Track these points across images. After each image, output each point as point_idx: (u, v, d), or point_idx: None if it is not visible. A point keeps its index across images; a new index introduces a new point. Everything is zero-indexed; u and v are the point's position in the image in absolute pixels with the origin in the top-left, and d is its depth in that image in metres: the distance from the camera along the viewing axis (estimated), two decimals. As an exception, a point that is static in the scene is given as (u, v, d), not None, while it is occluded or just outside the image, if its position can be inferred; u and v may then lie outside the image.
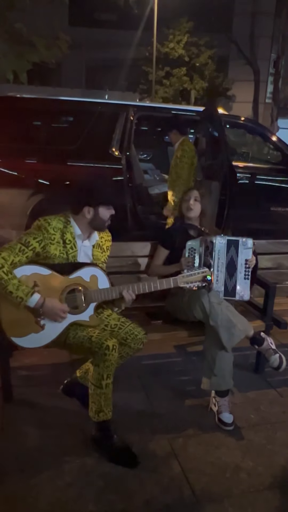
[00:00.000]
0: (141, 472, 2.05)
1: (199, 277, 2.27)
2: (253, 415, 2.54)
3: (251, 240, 2.64)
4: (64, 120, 5.03)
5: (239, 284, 2.62)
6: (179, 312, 2.66)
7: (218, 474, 2.09)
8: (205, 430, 2.38)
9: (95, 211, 2.17)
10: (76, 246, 2.18)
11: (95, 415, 2.11)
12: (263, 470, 2.13)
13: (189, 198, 2.86)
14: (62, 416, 2.40)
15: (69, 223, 2.18)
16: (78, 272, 2.14)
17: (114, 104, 4.64)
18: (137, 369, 2.90)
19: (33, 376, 2.78)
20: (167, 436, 2.31)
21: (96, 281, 2.17)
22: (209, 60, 19.77)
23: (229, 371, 2.44)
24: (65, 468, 2.04)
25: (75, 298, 2.13)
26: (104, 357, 2.02)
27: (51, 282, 2.10)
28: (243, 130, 5.54)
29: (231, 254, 2.62)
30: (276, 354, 2.55)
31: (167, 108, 5.22)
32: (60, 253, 2.14)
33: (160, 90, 19.71)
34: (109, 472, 2.04)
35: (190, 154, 4.28)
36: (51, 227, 2.13)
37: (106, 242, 2.35)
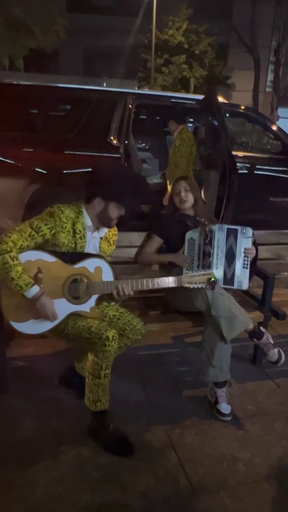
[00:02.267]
0: (137, 462, 2.05)
1: (203, 278, 2.28)
2: (250, 406, 2.54)
3: (250, 229, 2.62)
4: (62, 108, 4.97)
5: (238, 273, 2.60)
6: (179, 303, 2.64)
7: (215, 465, 2.09)
8: (202, 421, 2.38)
9: (105, 205, 2.15)
10: (85, 237, 2.17)
11: (92, 404, 2.10)
12: (260, 461, 2.13)
13: (179, 190, 2.81)
14: (59, 406, 2.39)
15: (81, 213, 2.16)
16: (83, 262, 2.12)
17: (113, 92, 4.58)
18: (134, 360, 2.90)
19: (30, 367, 2.77)
20: (164, 426, 2.31)
21: (100, 273, 2.16)
22: (209, 47, 19.56)
23: (227, 363, 2.43)
24: (61, 459, 2.04)
25: (77, 288, 2.12)
26: (103, 348, 2.01)
27: (55, 269, 2.08)
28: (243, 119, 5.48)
29: (230, 243, 2.60)
30: (275, 348, 2.55)
31: (166, 96, 5.17)
32: (69, 242, 2.12)
33: (159, 78, 19.53)
34: (105, 463, 2.04)
35: (188, 143, 4.24)
36: (64, 215, 2.10)
37: (113, 236, 2.34)
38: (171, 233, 2.79)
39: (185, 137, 4.26)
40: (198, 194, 2.86)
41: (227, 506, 1.88)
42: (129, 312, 2.30)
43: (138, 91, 5.10)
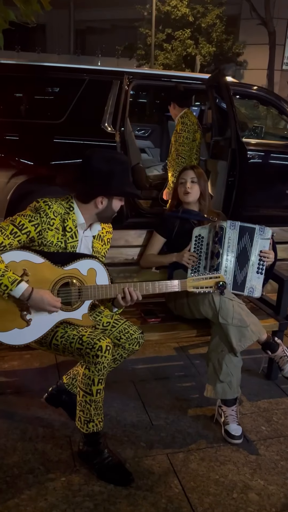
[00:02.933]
0: (135, 491, 2.06)
1: (211, 282, 2.29)
2: (264, 427, 2.55)
3: (270, 230, 2.64)
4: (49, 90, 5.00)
5: (250, 278, 2.62)
6: (182, 309, 2.66)
7: (224, 494, 2.10)
8: (209, 444, 2.39)
9: (108, 202, 2.17)
10: (78, 236, 2.18)
11: (84, 425, 2.11)
12: (275, 489, 2.14)
13: (185, 180, 2.83)
14: (46, 428, 2.40)
15: (72, 209, 2.17)
16: (75, 263, 2.14)
17: (106, 71, 4.60)
18: (132, 374, 2.91)
19: (14, 383, 2.78)
20: (166, 450, 2.32)
21: (94, 276, 2.17)
22: (217, 20, 19.62)
23: (237, 377, 2.44)
24: (49, 487, 2.05)
25: (68, 293, 2.13)
26: (95, 359, 2.02)
27: (43, 272, 2.09)
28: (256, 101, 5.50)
29: (245, 243, 2.61)
30: None
31: (167, 75, 5.19)
32: (58, 241, 2.13)
33: (161, 56, 19.60)
34: (98, 492, 2.04)
35: (191, 128, 4.27)
36: (51, 210, 2.11)
37: (107, 234, 2.35)
38: (172, 230, 2.81)
39: (187, 122, 4.28)
40: (206, 187, 2.88)
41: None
42: (125, 319, 2.31)
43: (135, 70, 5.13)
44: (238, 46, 20.78)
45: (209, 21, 19.58)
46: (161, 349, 3.23)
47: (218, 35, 19.79)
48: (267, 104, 5.30)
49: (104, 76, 4.51)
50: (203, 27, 19.68)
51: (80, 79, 4.42)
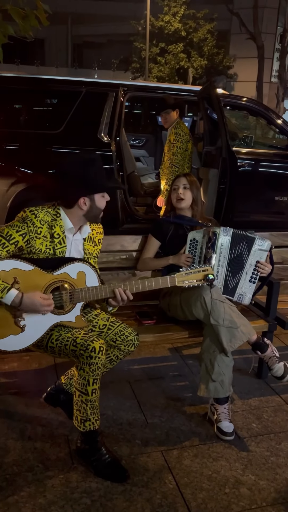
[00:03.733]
0: (131, 487, 2.05)
1: (200, 275, 2.26)
2: (255, 424, 2.55)
3: (269, 242, 2.65)
4: (48, 102, 5.01)
5: (242, 285, 2.63)
6: (176, 311, 2.66)
7: (216, 489, 2.09)
8: (202, 441, 2.38)
9: (91, 201, 2.16)
10: (65, 241, 2.17)
11: (81, 424, 2.10)
12: (266, 484, 2.14)
13: (178, 187, 2.85)
14: (45, 427, 2.39)
15: (59, 215, 2.17)
16: (64, 268, 2.13)
17: (102, 83, 4.62)
18: (127, 374, 2.90)
19: (13, 384, 2.76)
20: (160, 448, 2.31)
21: (83, 278, 2.16)
22: (208, 35, 19.75)
23: (229, 377, 2.44)
24: (48, 484, 2.04)
25: (60, 297, 2.12)
26: (89, 360, 2.02)
27: (34, 278, 2.08)
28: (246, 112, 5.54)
29: (241, 250, 2.62)
30: (281, 362, 2.56)
31: (161, 87, 5.21)
32: (46, 248, 2.13)
33: (155, 69, 19.68)
34: (95, 488, 2.04)
35: (184, 138, 4.28)
36: (38, 219, 2.11)
37: (98, 235, 2.34)
38: (166, 234, 2.82)
39: (180, 132, 4.29)
40: (198, 194, 2.89)
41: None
42: (121, 322, 2.31)
43: (130, 83, 5.14)
44: (229, 60, 20.89)
45: (200, 36, 19.71)
46: (155, 350, 3.23)
47: (209, 49, 19.91)
48: (256, 114, 5.34)
49: (100, 88, 4.52)
50: (195, 41, 19.79)
51: (78, 91, 4.43)
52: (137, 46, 20.31)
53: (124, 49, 22.10)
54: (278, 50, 20.77)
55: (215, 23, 19.94)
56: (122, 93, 4.50)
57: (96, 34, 26.50)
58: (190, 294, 2.47)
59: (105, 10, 24.45)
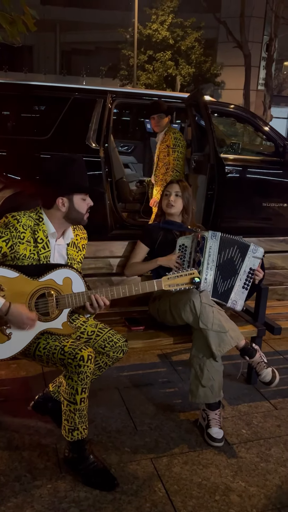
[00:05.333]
0: (120, 496, 2.03)
1: (186, 279, 2.25)
2: (245, 430, 2.54)
3: (262, 249, 2.66)
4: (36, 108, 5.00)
5: (235, 292, 2.64)
6: (165, 316, 2.65)
7: (207, 496, 2.07)
8: (192, 448, 2.37)
9: (69, 202, 2.14)
10: (49, 246, 2.15)
11: (69, 434, 2.08)
12: (256, 491, 2.13)
13: (170, 193, 2.85)
14: (33, 435, 2.36)
15: (42, 220, 2.15)
16: (50, 274, 2.11)
17: (90, 90, 4.62)
18: (116, 381, 2.88)
19: (1, 392, 2.73)
20: (150, 455, 2.29)
21: (70, 284, 2.14)
22: (196, 43, 19.92)
23: (219, 382, 2.43)
24: (35, 494, 2.00)
25: (46, 304, 2.10)
26: (78, 369, 1.99)
27: (19, 286, 2.06)
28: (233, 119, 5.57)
29: (231, 255, 2.63)
30: (269, 368, 2.56)
31: (149, 94, 5.23)
32: (31, 253, 2.11)
33: (143, 76, 19.78)
34: (84, 498, 2.01)
35: (183, 142, 4.30)
36: (20, 224, 2.09)
37: (81, 240, 2.33)
38: (155, 240, 2.81)
39: (179, 136, 4.30)
40: (189, 201, 2.89)
41: None
42: (109, 328, 2.29)
43: (118, 89, 5.15)
44: (216, 68, 21.08)
45: (188, 44, 19.86)
46: (145, 357, 3.21)
47: (197, 57, 20.07)
48: (243, 121, 5.37)
49: (88, 94, 4.52)
50: (182, 49, 19.93)
51: (66, 97, 4.43)
52: (125, 54, 20.40)
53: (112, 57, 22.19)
54: (265, 59, 21.02)
55: (202, 32, 20.13)
56: (110, 100, 4.51)
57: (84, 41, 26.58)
58: (179, 298, 2.47)
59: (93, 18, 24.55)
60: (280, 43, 19.46)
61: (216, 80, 21.27)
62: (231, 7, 19.55)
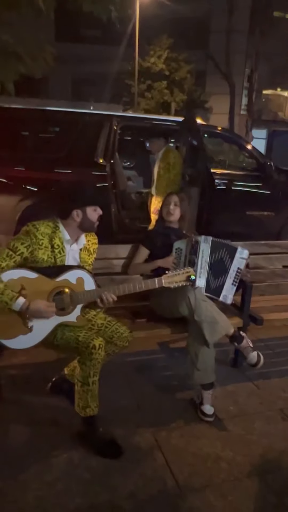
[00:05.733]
0: (126, 464, 2.02)
1: (183, 277, 2.25)
2: (232, 407, 2.53)
3: (247, 251, 2.66)
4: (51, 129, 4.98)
5: (226, 288, 2.63)
6: (164, 310, 2.64)
7: (200, 464, 2.07)
8: (187, 423, 2.36)
9: (83, 213, 2.14)
10: (65, 251, 2.14)
11: (82, 410, 2.07)
12: (242, 459, 2.12)
13: (169, 203, 2.85)
14: (50, 413, 2.35)
15: (58, 228, 2.14)
16: (65, 274, 2.10)
17: (99, 114, 4.61)
18: (122, 366, 2.87)
19: (22, 375, 2.72)
20: (151, 429, 2.29)
21: (82, 283, 2.14)
22: (188, 74, 19.88)
23: (211, 365, 2.43)
24: (53, 463, 2.00)
25: (62, 300, 2.09)
26: (90, 356, 1.99)
27: (38, 285, 2.05)
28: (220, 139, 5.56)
29: (221, 256, 2.63)
30: (254, 351, 2.55)
31: (148, 118, 5.22)
32: (48, 258, 2.10)
33: (142, 102, 19.75)
34: (95, 465, 2.00)
35: (180, 161, 4.31)
36: (39, 232, 2.08)
37: (92, 245, 2.31)
38: (155, 244, 2.80)
39: (177, 155, 4.31)
40: (187, 210, 2.89)
41: (212, 504, 1.86)
42: (116, 321, 2.28)
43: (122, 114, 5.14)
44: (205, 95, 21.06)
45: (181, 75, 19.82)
46: (146, 344, 3.18)
47: (189, 86, 20.03)
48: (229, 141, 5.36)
49: (97, 118, 4.51)
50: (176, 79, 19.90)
51: (78, 120, 4.42)
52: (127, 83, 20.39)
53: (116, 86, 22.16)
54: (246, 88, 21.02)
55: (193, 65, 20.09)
56: (115, 123, 4.50)
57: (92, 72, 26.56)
58: (176, 295, 2.46)
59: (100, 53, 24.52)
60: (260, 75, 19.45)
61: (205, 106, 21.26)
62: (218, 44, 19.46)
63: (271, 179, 4.79)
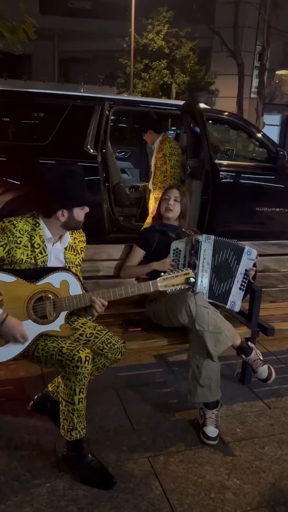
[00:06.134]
0: (118, 494, 2.02)
1: (181, 279, 2.24)
2: (239, 429, 2.53)
3: (255, 251, 2.68)
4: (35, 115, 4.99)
5: (234, 293, 2.64)
6: (161, 318, 2.64)
7: (202, 494, 2.07)
8: (188, 447, 2.36)
9: (69, 213, 2.14)
10: (46, 251, 2.14)
11: (67, 433, 2.06)
12: (250, 488, 2.12)
13: (169, 197, 2.85)
14: (32, 435, 2.34)
15: (38, 225, 2.14)
16: (47, 278, 2.09)
17: (89, 97, 4.62)
18: (114, 381, 2.87)
19: (1, 392, 2.71)
20: (147, 454, 2.28)
21: (67, 287, 2.13)
22: (191, 52, 20.00)
23: (217, 381, 2.43)
24: (34, 493, 1.99)
25: (43, 307, 2.08)
26: (76, 370, 1.98)
27: (17, 290, 2.04)
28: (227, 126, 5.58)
29: (226, 258, 2.64)
30: (265, 365, 2.56)
31: (145, 101, 5.23)
32: (28, 258, 2.10)
33: (139, 84, 19.83)
34: (82, 496, 1.99)
35: (178, 151, 4.32)
36: (17, 229, 2.08)
37: (79, 243, 2.31)
38: (151, 244, 2.81)
39: (174, 145, 4.33)
40: (187, 206, 2.89)
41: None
42: (108, 330, 2.28)
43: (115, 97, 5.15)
44: (210, 76, 21.16)
45: (183, 53, 19.94)
46: (141, 357, 3.20)
47: (191, 65, 20.14)
48: (237, 128, 5.38)
49: (86, 102, 4.52)
50: (177, 58, 20.01)
51: (64, 104, 4.42)
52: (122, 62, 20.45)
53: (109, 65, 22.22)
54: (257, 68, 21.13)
55: (197, 41, 20.21)
56: (107, 107, 4.51)
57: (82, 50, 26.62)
58: (175, 301, 2.46)
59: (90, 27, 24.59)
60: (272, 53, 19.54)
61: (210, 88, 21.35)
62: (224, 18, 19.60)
63: (285, 171, 4.80)
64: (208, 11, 21.38)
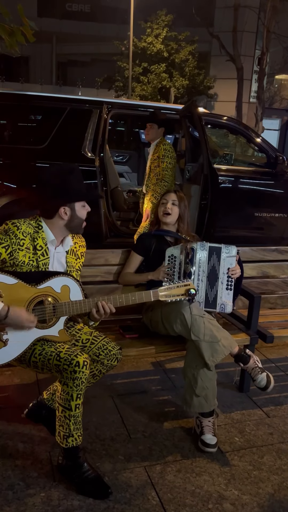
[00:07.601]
0: (114, 505, 2.00)
1: (182, 290, 2.26)
2: (237, 438, 2.52)
3: (235, 247, 2.65)
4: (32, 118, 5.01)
5: (221, 295, 2.62)
6: (157, 326, 2.63)
7: (200, 505, 2.05)
8: (185, 456, 2.35)
9: (71, 210, 2.14)
10: (48, 253, 2.14)
11: (63, 440, 2.05)
12: (249, 499, 2.11)
13: (166, 201, 2.85)
14: (26, 443, 2.33)
15: (41, 228, 2.14)
16: (48, 282, 2.09)
17: (87, 101, 4.63)
18: (110, 389, 2.86)
19: (-6, 400, 2.70)
20: (143, 463, 2.27)
21: (67, 292, 2.13)
22: (190, 56, 20.10)
23: (213, 391, 2.42)
24: (28, 503, 1.97)
25: (43, 311, 2.08)
26: (73, 375, 1.98)
27: (17, 292, 2.04)
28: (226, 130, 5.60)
29: (213, 262, 2.62)
30: (263, 373, 2.54)
31: (144, 105, 5.26)
32: (30, 260, 2.10)
33: (138, 88, 19.90)
34: (78, 506, 1.98)
35: (173, 154, 4.32)
36: (20, 231, 2.08)
37: (80, 248, 2.32)
38: (149, 249, 2.81)
39: (168, 148, 4.32)
40: (186, 211, 2.89)
41: None
42: (104, 336, 2.27)
43: (114, 100, 5.16)
44: (209, 80, 21.26)
45: (182, 57, 20.04)
46: (138, 364, 3.19)
47: (190, 69, 20.23)
48: (236, 133, 5.40)
49: (84, 105, 4.53)
50: (176, 62, 20.10)
51: (62, 107, 4.44)
52: (120, 66, 20.54)
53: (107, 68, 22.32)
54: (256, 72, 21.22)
55: (196, 45, 20.32)
56: (106, 110, 4.52)
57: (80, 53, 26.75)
58: (170, 311, 2.46)
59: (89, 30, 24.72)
60: (272, 57, 19.67)
61: (209, 92, 21.45)
62: (224, 22, 19.76)
63: (284, 176, 4.82)
64: (208, 15, 21.55)
